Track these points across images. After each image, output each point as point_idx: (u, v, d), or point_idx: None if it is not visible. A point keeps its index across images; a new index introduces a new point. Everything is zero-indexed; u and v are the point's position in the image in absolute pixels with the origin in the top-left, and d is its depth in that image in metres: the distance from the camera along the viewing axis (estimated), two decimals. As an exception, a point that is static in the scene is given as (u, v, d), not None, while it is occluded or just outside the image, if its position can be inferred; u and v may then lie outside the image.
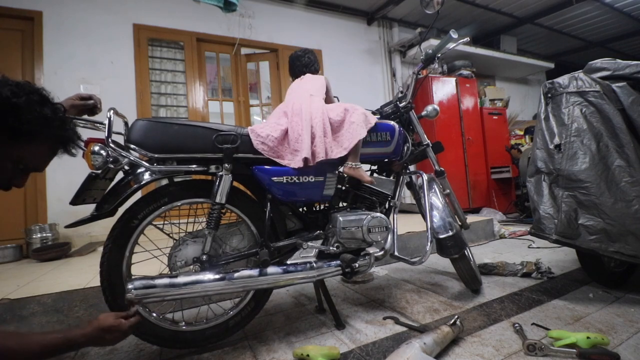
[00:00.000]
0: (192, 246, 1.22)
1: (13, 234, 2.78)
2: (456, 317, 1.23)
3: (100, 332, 0.90)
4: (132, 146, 1.10)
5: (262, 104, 4.24)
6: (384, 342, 1.23)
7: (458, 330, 1.20)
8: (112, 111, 1.06)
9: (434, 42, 4.58)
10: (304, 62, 1.70)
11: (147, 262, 1.22)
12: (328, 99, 1.60)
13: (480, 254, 2.46)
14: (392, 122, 1.54)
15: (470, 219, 3.01)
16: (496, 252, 2.53)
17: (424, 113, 1.73)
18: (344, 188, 1.49)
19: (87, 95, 1.26)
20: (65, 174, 2.83)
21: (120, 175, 1.16)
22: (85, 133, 1.08)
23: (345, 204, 1.51)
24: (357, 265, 1.30)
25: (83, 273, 1.90)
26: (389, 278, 2.04)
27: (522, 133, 5.34)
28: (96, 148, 1.02)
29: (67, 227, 1.09)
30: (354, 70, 4.63)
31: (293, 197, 1.32)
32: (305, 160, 1.26)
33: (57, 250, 2.53)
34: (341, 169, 1.41)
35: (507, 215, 4.43)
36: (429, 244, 1.45)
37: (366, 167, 1.68)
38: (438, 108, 1.73)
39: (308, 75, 1.66)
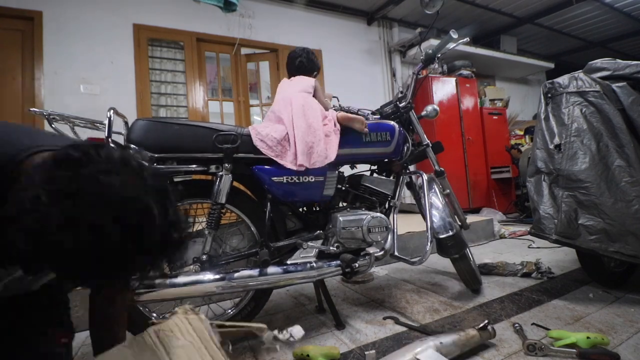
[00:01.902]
0: (192, 246, 1.22)
1: (13, 234, 2.78)
2: (486, 321, 1.16)
3: None
4: (132, 146, 1.10)
5: (262, 104, 4.24)
6: (384, 342, 1.23)
7: (488, 336, 1.14)
8: (112, 111, 1.06)
9: (434, 42, 4.57)
10: (296, 65, 1.65)
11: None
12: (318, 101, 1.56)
13: (480, 254, 2.46)
14: (392, 122, 1.54)
15: (470, 219, 3.01)
16: (496, 252, 2.53)
17: (423, 113, 1.73)
18: (343, 188, 1.49)
19: None
20: (65, 174, 2.84)
21: (120, 175, 1.16)
22: (85, 133, 1.08)
23: (345, 204, 1.51)
24: (357, 265, 1.30)
25: (83, 273, 1.90)
26: (389, 278, 2.04)
27: (522, 133, 5.33)
28: (96, 148, 1.02)
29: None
30: (354, 70, 4.63)
31: (293, 197, 1.32)
32: (301, 164, 1.27)
33: (57, 250, 2.53)
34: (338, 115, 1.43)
35: (507, 215, 4.42)
36: (429, 244, 1.45)
37: (366, 167, 1.68)
38: (438, 108, 1.72)
39: (299, 77, 1.62)
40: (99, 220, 0.42)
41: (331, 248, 1.32)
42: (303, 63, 1.65)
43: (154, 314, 1.18)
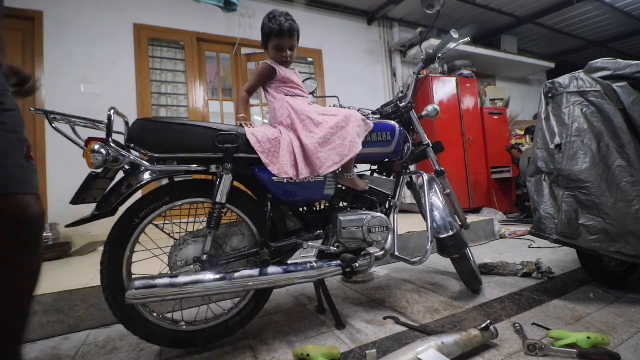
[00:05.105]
0: (193, 246, 1.22)
1: (13, 234, 2.77)
2: (488, 322, 1.15)
3: None
4: (132, 145, 1.10)
5: (262, 104, 4.24)
6: (384, 342, 1.23)
7: (490, 337, 1.14)
8: (112, 110, 1.06)
9: (435, 42, 4.57)
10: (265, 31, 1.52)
11: (148, 261, 1.22)
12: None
13: (481, 254, 2.45)
14: (392, 122, 1.54)
15: (471, 219, 3.01)
16: (497, 252, 2.53)
17: (424, 113, 1.73)
18: (344, 188, 1.49)
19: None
20: (65, 173, 2.84)
21: (120, 174, 1.16)
22: (85, 132, 1.08)
23: (345, 204, 1.51)
24: (357, 265, 1.30)
25: (83, 273, 1.90)
26: (390, 278, 2.04)
27: (522, 133, 5.33)
28: (96, 147, 1.01)
29: (67, 226, 1.09)
30: (354, 70, 4.63)
31: (293, 197, 1.31)
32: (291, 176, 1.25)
33: (57, 250, 2.53)
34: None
35: (508, 215, 4.42)
36: (429, 244, 1.45)
37: (366, 167, 1.68)
38: (438, 108, 1.72)
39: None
40: None
41: (331, 248, 1.32)
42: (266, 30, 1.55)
43: (154, 313, 1.18)
